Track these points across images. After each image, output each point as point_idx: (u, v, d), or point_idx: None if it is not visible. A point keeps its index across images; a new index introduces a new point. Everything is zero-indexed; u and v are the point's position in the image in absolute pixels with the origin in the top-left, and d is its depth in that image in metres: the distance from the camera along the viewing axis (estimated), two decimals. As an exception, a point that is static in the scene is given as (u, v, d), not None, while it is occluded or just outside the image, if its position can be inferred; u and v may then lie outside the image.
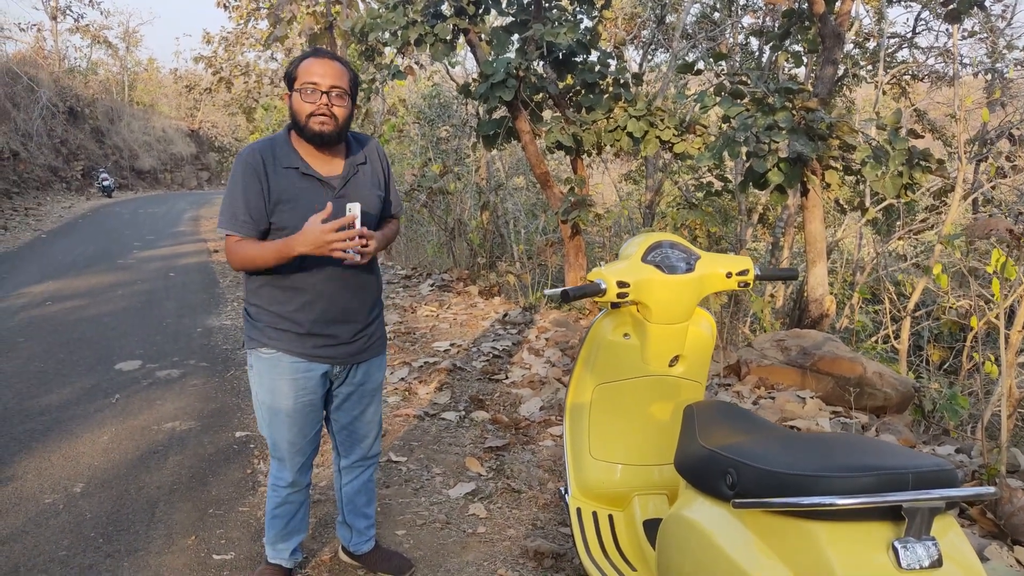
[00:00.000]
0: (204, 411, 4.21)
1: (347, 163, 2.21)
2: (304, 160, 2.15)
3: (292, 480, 2.37)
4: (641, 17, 11.90)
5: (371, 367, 2.40)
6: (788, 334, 4.56)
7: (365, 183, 2.25)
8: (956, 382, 5.70)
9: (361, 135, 2.34)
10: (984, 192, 7.46)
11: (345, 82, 2.11)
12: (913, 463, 1.40)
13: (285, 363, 2.21)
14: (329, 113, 2.08)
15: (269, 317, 2.21)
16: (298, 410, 2.26)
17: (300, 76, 2.09)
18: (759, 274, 2.30)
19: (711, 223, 6.78)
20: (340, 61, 2.13)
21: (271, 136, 2.20)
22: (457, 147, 10.35)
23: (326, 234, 1.99)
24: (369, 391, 2.42)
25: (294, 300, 2.19)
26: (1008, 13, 9.46)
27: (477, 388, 4.47)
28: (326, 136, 2.09)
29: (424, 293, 6.97)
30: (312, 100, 2.07)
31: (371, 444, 2.53)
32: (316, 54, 2.12)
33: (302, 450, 2.34)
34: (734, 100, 5.51)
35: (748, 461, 1.58)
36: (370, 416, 2.48)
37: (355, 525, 2.62)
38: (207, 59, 18.49)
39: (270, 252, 2.08)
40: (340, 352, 2.27)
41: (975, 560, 1.37)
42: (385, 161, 2.38)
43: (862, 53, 10.08)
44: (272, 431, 2.31)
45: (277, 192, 2.11)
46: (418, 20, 6.13)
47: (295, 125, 2.13)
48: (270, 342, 2.21)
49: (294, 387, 2.23)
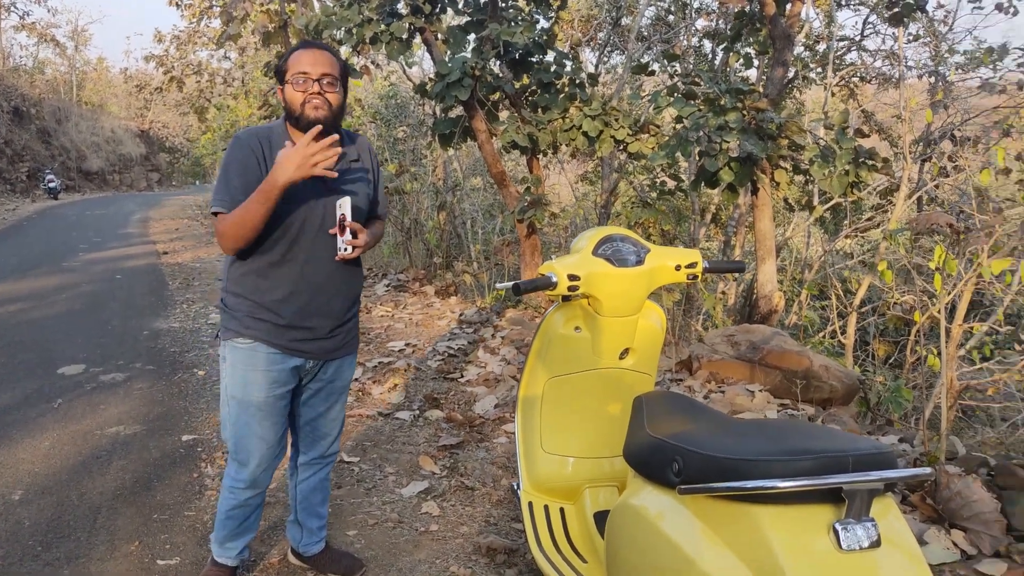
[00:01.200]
0: (150, 415, 4.11)
1: (342, 156, 2.19)
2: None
3: (254, 480, 2.30)
4: (597, 19, 11.99)
5: (343, 365, 2.38)
6: (738, 329, 4.63)
7: (355, 179, 2.26)
8: (901, 375, 5.85)
9: (354, 133, 2.34)
10: (928, 191, 7.67)
11: (336, 70, 2.11)
12: (852, 446, 1.42)
13: (261, 354, 2.18)
14: (323, 98, 2.08)
15: (249, 306, 2.18)
16: (269, 404, 2.22)
17: (290, 68, 2.09)
18: (707, 267, 2.33)
19: (664, 222, 6.85)
20: (329, 51, 2.13)
21: (268, 124, 2.21)
22: (414, 147, 10.30)
23: (307, 148, 1.94)
24: (338, 389, 2.41)
25: (277, 289, 2.16)
26: (949, 19, 9.74)
27: (432, 387, 4.45)
28: (321, 120, 2.07)
29: (380, 293, 6.92)
30: (303, 88, 2.07)
31: (331, 443, 2.50)
32: (305, 46, 2.13)
33: (271, 447, 2.28)
34: (687, 101, 5.57)
35: (693, 448, 1.59)
36: (334, 414, 2.45)
37: (307, 524, 2.57)
38: (158, 58, 18.11)
39: (254, 201, 2.00)
40: (316, 347, 2.24)
41: (912, 540, 1.40)
42: (375, 160, 2.38)
43: (812, 55, 10.29)
44: (240, 428, 2.24)
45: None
46: (373, 18, 6.07)
47: (290, 116, 2.12)
48: (247, 331, 2.17)
49: (267, 379, 2.19)
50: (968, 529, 2.52)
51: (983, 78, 8.90)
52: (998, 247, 4.60)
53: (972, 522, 2.52)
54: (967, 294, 4.32)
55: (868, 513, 1.35)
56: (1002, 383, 4.78)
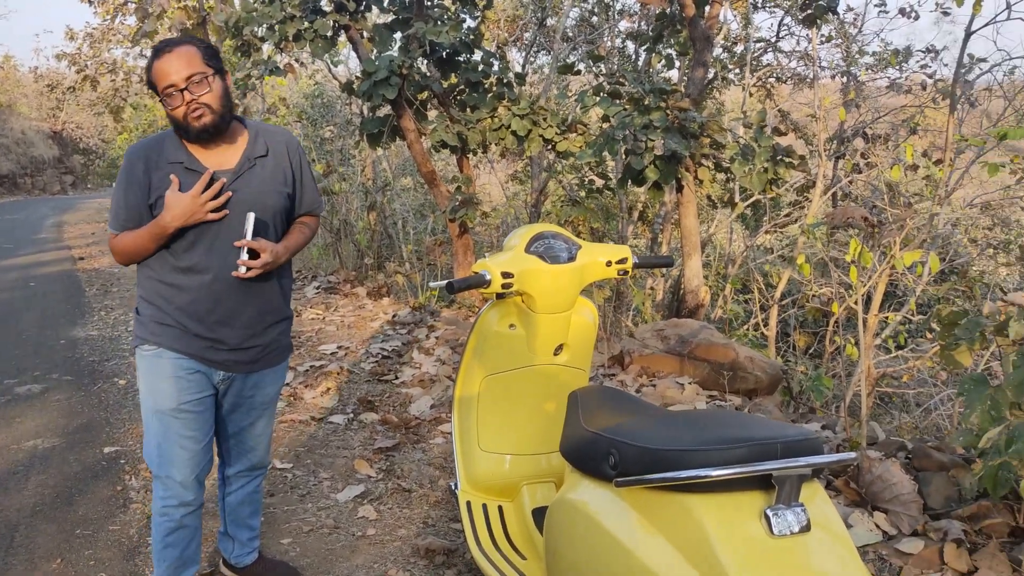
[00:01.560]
0: (69, 427, 3.94)
1: (243, 156, 2.10)
2: (191, 154, 2.06)
3: (182, 494, 2.15)
4: (523, 19, 12.05)
5: (263, 380, 2.27)
6: (667, 324, 4.73)
7: (263, 178, 2.13)
8: (820, 364, 6.08)
9: (274, 127, 2.25)
10: (842, 187, 7.99)
11: (198, 64, 1.98)
12: (781, 433, 1.47)
13: (166, 360, 2.09)
14: (200, 104, 1.97)
15: (154, 312, 2.11)
16: (183, 412, 2.11)
17: (157, 82, 1.99)
18: (637, 262, 2.38)
19: (594, 219, 6.94)
20: (184, 43, 1.99)
21: (163, 132, 2.13)
22: (342, 147, 10.15)
23: (195, 200, 1.96)
24: (259, 404, 2.30)
25: (177, 298, 2.09)
26: (859, 21, 10.16)
27: (366, 390, 4.40)
28: (209, 128, 2.00)
29: (309, 296, 6.79)
30: (177, 103, 1.97)
31: (259, 456, 2.41)
32: (157, 53, 1.99)
33: (194, 456, 2.15)
34: (612, 100, 5.66)
35: (628, 441, 1.62)
36: (259, 429, 2.35)
37: (238, 537, 2.49)
38: (70, 56, 17.31)
39: (145, 235, 2.03)
40: (226, 358, 2.15)
41: (840, 523, 1.46)
42: (299, 155, 2.25)
43: (730, 57, 10.58)
44: (158, 437, 2.12)
45: (158, 189, 2.03)
46: (296, 15, 5.96)
47: (179, 131, 2.05)
48: (152, 337, 2.10)
49: (175, 386, 2.10)
50: (889, 511, 2.64)
51: (891, 78, 9.34)
52: (909, 240, 4.84)
53: (892, 504, 2.64)
54: (881, 285, 4.52)
55: (797, 498, 1.41)
56: (915, 370, 5.04)
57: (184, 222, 1.98)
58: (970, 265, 6.92)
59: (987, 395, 2.45)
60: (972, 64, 7.11)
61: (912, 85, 8.91)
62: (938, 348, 3.98)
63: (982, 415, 2.46)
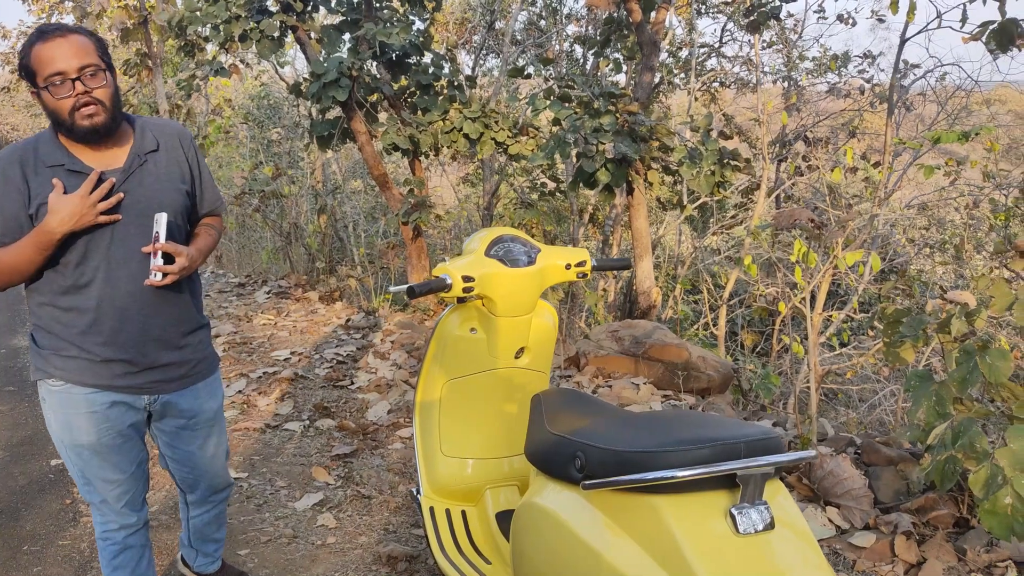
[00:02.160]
0: (13, 439, 3.80)
1: (131, 152, 1.88)
2: (72, 155, 1.82)
3: (124, 522, 2.03)
4: (471, 22, 12.06)
5: (199, 395, 2.06)
6: (621, 325, 4.80)
7: (157, 175, 1.91)
8: (768, 363, 6.23)
9: (159, 120, 2.02)
10: (785, 189, 8.20)
11: (94, 55, 1.76)
12: (743, 432, 1.51)
13: (78, 396, 1.87)
14: (93, 99, 1.75)
15: (53, 341, 1.88)
16: (106, 445, 1.92)
17: (39, 68, 1.73)
18: (595, 264, 2.41)
19: (547, 222, 6.98)
20: (75, 32, 1.77)
21: (37, 134, 1.88)
22: (290, 149, 10.00)
23: (83, 200, 1.73)
24: (204, 422, 2.10)
25: (77, 322, 1.85)
26: (799, 27, 10.44)
27: (321, 396, 4.35)
28: (100, 128, 1.78)
29: (260, 301, 6.68)
30: (66, 93, 1.73)
31: (219, 478, 2.24)
32: (42, 36, 1.74)
33: (125, 489, 1.99)
34: (563, 104, 5.72)
35: (594, 443, 1.64)
36: (211, 450, 2.16)
37: (203, 549, 2.41)
38: (4, 55, 16.68)
39: (27, 247, 1.77)
40: (145, 380, 1.93)
41: (802, 520, 1.51)
42: (192, 149, 2.03)
43: (675, 61, 10.77)
44: (81, 470, 1.95)
45: (39, 196, 1.79)
46: (242, 15, 5.86)
47: (59, 126, 1.80)
48: (57, 372, 1.87)
49: (93, 422, 1.88)
50: (841, 505, 2.73)
51: (830, 83, 9.62)
52: (850, 240, 4.99)
53: (844, 498, 2.73)
54: (825, 285, 4.66)
55: (761, 497, 1.45)
56: (859, 366, 5.20)
57: (73, 226, 1.74)
58: (908, 264, 7.17)
59: (932, 391, 2.55)
60: (907, 70, 7.38)
61: (851, 89, 9.19)
62: (881, 345, 4.13)
63: (928, 410, 2.56)
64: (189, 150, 2.02)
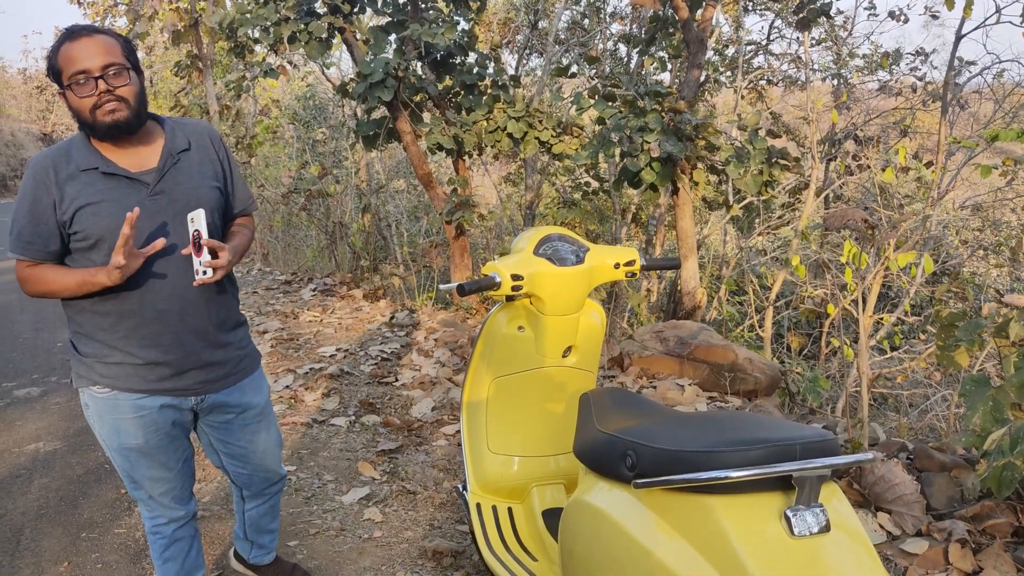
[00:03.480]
0: (70, 430, 3.92)
1: (164, 152, 1.87)
2: (106, 158, 1.82)
3: (173, 516, 2.07)
4: (515, 22, 12.08)
5: (245, 392, 2.07)
6: (666, 325, 4.76)
7: (190, 173, 1.91)
8: (816, 366, 6.13)
9: (188, 120, 2.02)
10: (834, 189, 8.05)
11: (119, 55, 1.77)
12: (799, 434, 1.49)
13: (124, 402, 1.88)
14: (115, 97, 1.75)
15: (96, 348, 1.87)
16: (154, 447, 1.94)
17: (64, 68, 1.74)
18: (644, 264, 2.39)
19: (589, 221, 6.96)
20: (102, 32, 1.78)
21: (69, 138, 1.88)
22: (335, 149, 10.13)
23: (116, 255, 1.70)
24: (253, 418, 2.11)
25: (119, 326, 1.85)
26: (849, 24, 10.24)
27: (366, 392, 4.40)
28: (122, 124, 1.77)
29: (306, 298, 6.78)
30: (89, 92, 1.74)
31: (272, 471, 2.25)
32: (70, 36, 1.75)
33: (172, 485, 2.03)
34: (607, 102, 5.69)
35: (646, 442, 1.64)
36: (263, 444, 2.17)
37: (258, 540, 2.44)
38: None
39: (72, 282, 1.79)
40: (191, 381, 1.94)
41: (859, 524, 1.48)
42: (222, 148, 2.03)
43: (721, 60, 10.64)
44: (128, 472, 1.98)
45: (75, 200, 1.78)
46: (291, 17, 5.95)
47: (83, 127, 1.80)
48: (102, 379, 1.87)
49: (140, 425, 1.90)
50: (892, 511, 2.67)
51: (881, 81, 9.42)
52: (902, 241, 4.89)
53: (895, 504, 2.67)
54: (876, 286, 4.57)
55: (817, 499, 1.42)
56: (910, 371, 5.08)
57: (119, 280, 1.75)
58: (961, 267, 6.99)
59: (989, 396, 2.48)
60: (962, 66, 7.18)
61: (902, 88, 8.98)
62: (933, 349, 4.03)
63: (984, 416, 2.49)
64: (220, 149, 2.03)
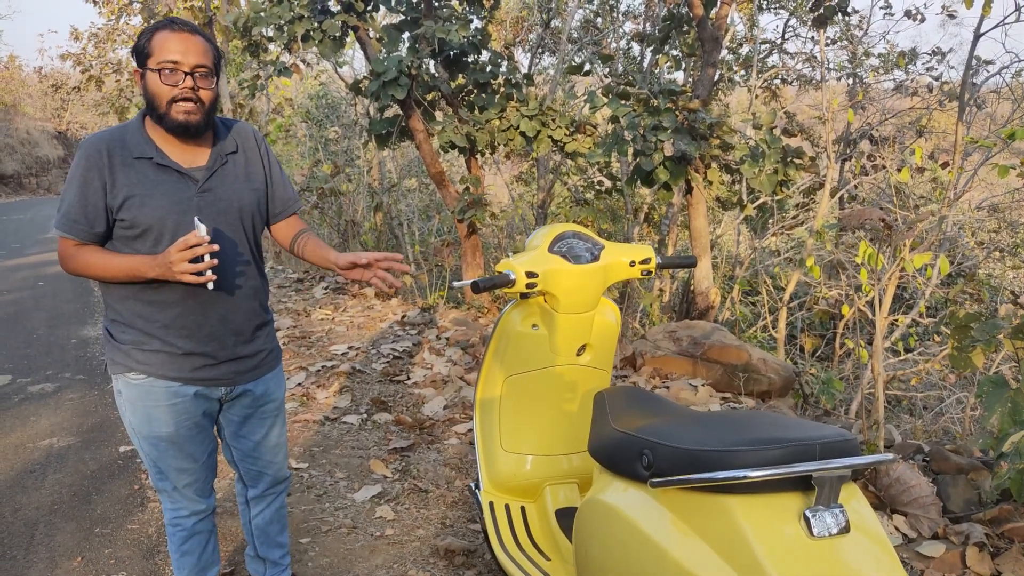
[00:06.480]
0: (83, 426, 3.94)
1: (213, 152, 1.92)
2: (160, 149, 1.86)
3: (194, 508, 2.10)
4: (528, 21, 12.07)
5: (269, 384, 2.13)
6: (679, 325, 4.73)
7: (236, 175, 1.97)
8: (829, 367, 6.09)
9: (231, 120, 2.05)
10: (849, 189, 7.99)
11: (210, 60, 1.82)
12: (818, 434, 1.47)
13: (159, 389, 1.92)
14: (195, 98, 1.80)
15: (134, 336, 1.91)
16: (183, 435, 1.98)
17: (156, 52, 1.77)
18: (660, 262, 2.37)
19: (602, 220, 6.94)
20: (200, 34, 1.83)
21: (123, 124, 1.90)
22: (347, 147, 10.15)
23: (169, 255, 1.73)
24: (271, 411, 2.16)
25: (162, 314, 1.89)
26: (864, 23, 10.18)
27: (378, 390, 4.40)
28: (191, 126, 1.81)
29: (318, 296, 6.79)
30: (174, 82, 1.77)
31: (279, 469, 2.28)
32: (173, 26, 1.79)
33: (197, 477, 2.06)
34: (621, 101, 5.67)
35: (662, 441, 1.62)
36: (274, 439, 2.22)
37: (269, 556, 2.39)
38: (75, 57, 17.30)
39: (118, 269, 1.83)
40: (224, 372, 2.00)
41: (878, 526, 1.46)
42: (264, 147, 2.09)
43: (735, 58, 10.59)
44: (156, 461, 2.01)
45: (126, 187, 1.82)
46: (305, 15, 5.96)
47: (152, 111, 1.82)
48: (139, 366, 1.91)
49: (172, 413, 1.95)
50: (908, 514, 2.64)
51: (896, 80, 9.35)
52: (917, 242, 4.84)
53: (911, 507, 2.64)
54: (891, 288, 4.53)
55: (836, 500, 1.40)
56: (925, 373, 5.04)
57: (159, 275, 1.78)
58: (977, 268, 6.92)
59: (1007, 397, 2.46)
60: (979, 66, 7.12)
61: (918, 87, 8.91)
62: (948, 350, 3.99)
63: (1002, 418, 2.46)
64: (263, 149, 2.08)
